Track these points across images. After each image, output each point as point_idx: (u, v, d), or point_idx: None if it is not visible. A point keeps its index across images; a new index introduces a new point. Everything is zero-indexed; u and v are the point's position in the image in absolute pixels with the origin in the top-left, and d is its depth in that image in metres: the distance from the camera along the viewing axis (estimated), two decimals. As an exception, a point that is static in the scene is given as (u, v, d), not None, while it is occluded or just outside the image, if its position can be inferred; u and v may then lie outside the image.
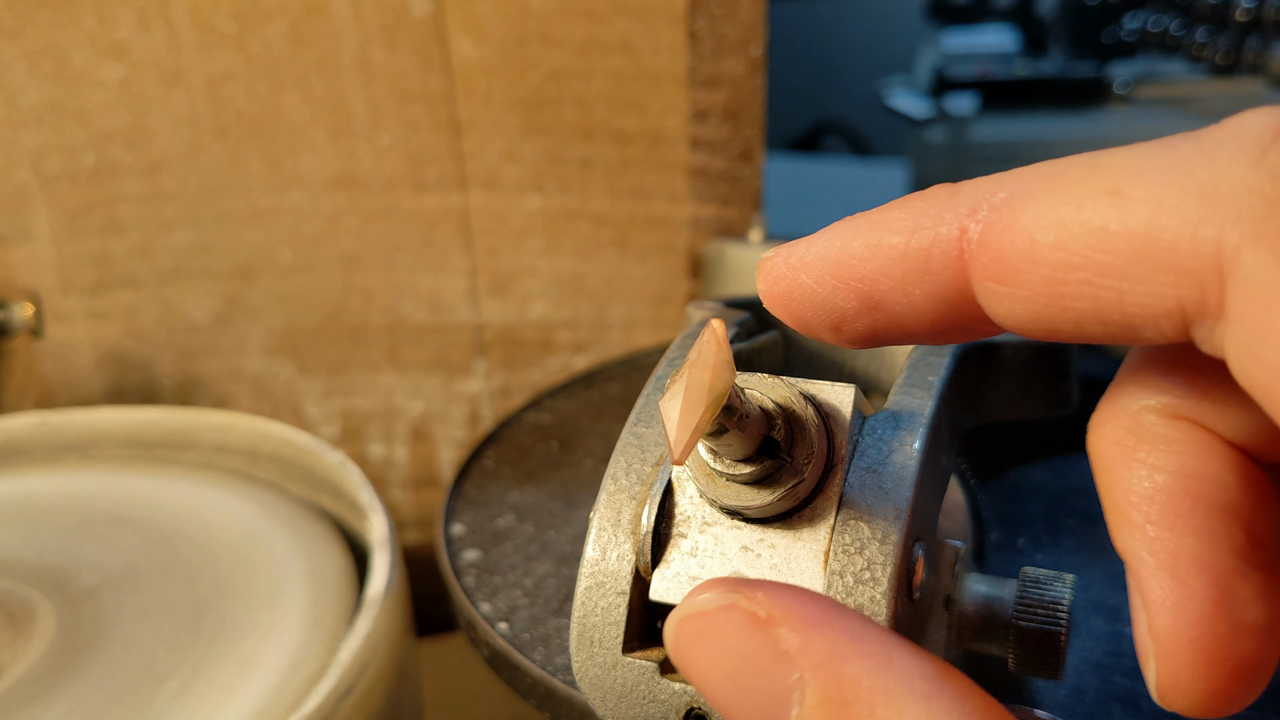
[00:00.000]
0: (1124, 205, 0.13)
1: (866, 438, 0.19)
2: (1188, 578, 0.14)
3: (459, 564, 0.39)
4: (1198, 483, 0.14)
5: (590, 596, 0.19)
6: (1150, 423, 0.15)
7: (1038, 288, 0.13)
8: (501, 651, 0.34)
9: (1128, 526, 0.15)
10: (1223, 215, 0.12)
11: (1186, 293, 0.12)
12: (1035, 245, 0.13)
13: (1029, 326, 0.14)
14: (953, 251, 0.14)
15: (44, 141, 0.54)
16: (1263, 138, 0.12)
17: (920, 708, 0.13)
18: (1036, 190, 0.14)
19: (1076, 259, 0.13)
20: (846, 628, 0.14)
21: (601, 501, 0.20)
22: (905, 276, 0.15)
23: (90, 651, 0.35)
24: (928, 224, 0.15)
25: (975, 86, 1.06)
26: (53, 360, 0.58)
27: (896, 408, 0.19)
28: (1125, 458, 0.15)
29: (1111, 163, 0.13)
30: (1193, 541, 0.14)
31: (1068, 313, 0.13)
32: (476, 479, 0.45)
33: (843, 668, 0.13)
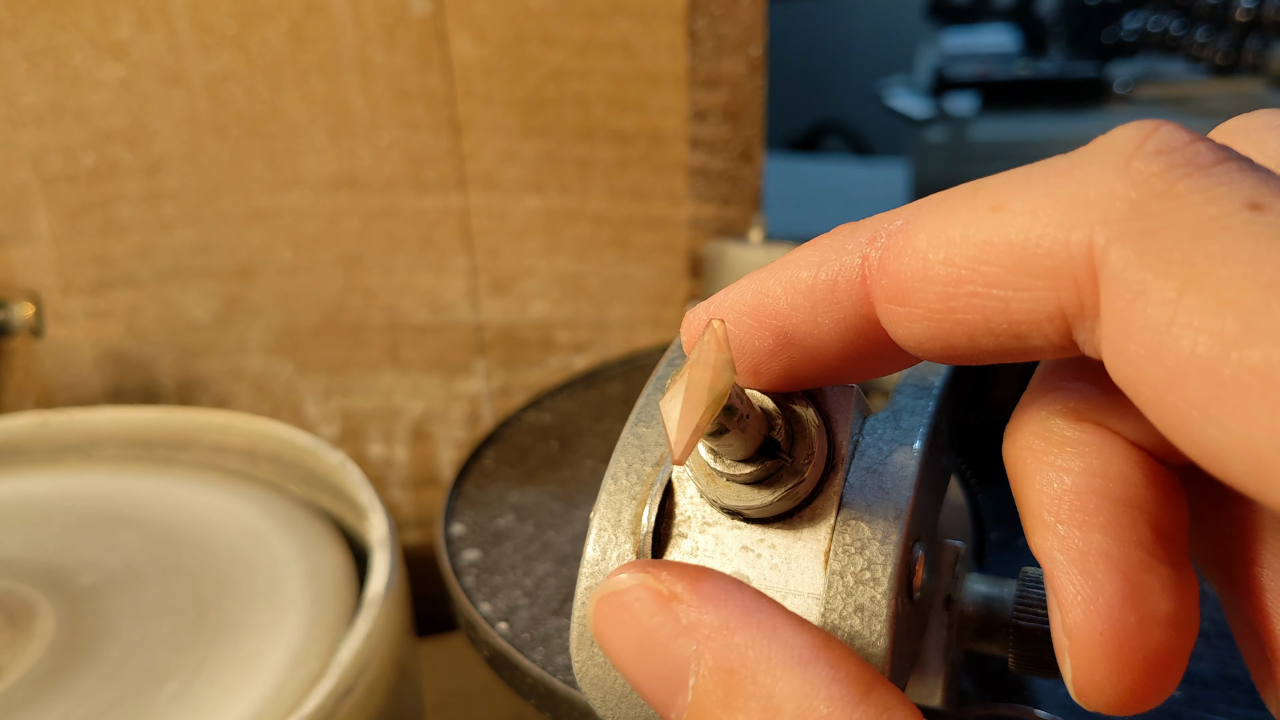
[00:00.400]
0: (1005, 218, 0.13)
1: (867, 438, 0.19)
2: (1096, 573, 0.15)
3: (459, 564, 0.39)
4: (1103, 481, 0.15)
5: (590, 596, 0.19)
6: (1057, 427, 0.16)
7: (932, 304, 0.14)
8: (501, 651, 0.34)
9: (1040, 528, 0.15)
10: (1091, 219, 0.13)
11: (1064, 295, 0.13)
12: (927, 264, 0.14)
13: (927, 345, 0.15)
14: (856, 279, 0.15)
15: (44, 141, 0.54)
16: (1128, 148, 0.13)
17: (797, 672, 0.14)
18: (928, 214, 0.14)
19: (965, 273, 0.14)
20: (739, 603, 0.15)
21: (601, 501, 0.20)
22: (814, 308, 0.16)
23: (90, 651, 0.35)
24: (832, 257, 0.15)
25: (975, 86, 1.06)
26: (53, 360, 0.58)
27: (897, 408, 0.20)
28: (1035, 462, 0.16)
29: (995, 183, 0.14)
30: (1100, 538, 0.15)
31: (960, 326, 0.14)
32: (477, 479, 0.45)
33: (731, 638, 0.14)
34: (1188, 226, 0.12)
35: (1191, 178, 0.12)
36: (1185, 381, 0.12)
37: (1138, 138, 0.13)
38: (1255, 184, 0.12)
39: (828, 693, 0.14)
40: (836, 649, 0.14)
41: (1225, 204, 0.12)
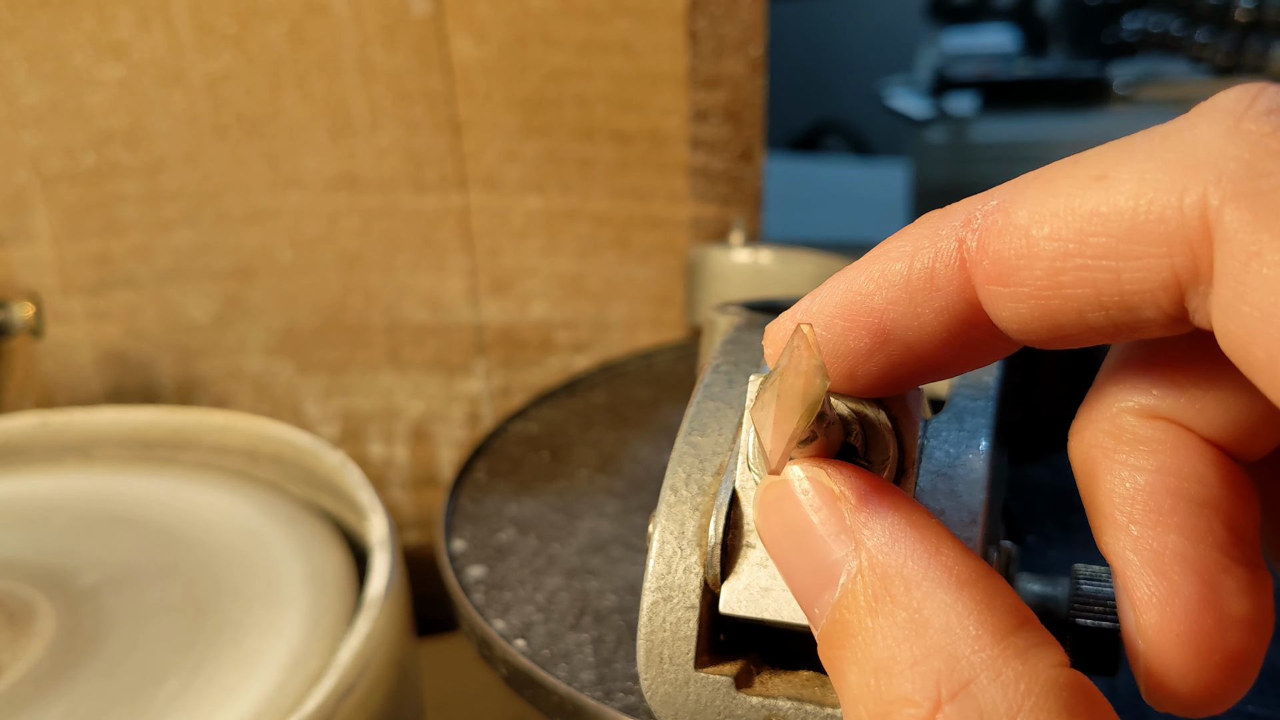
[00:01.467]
0: (1112, 187, 0.13)
1: (931, 440, 0.19)
2: (1173, 574, 0.14)
3: (465, 580, 0.38)
4: (1179, 480, 0.15)
5: (658, 611, 0.19)
6: (1129, 424, 0.15)
7: (1038, 282, 0.14)
8: (523, 670, 0.33)
9: (1111, 528, 0.15)
10: (1204, 181, 0.12)
11: (1179, 260, 0.13)
12: (1031, 240, 0.14)
13: (1033, 326, 0.14)
14: (955, 264, 0.15)
15: (44, 141, 0.54)
16: (1237, 109, 0.13)
17: (953, 592, 0.14)
18: (1026, 191, 0.14)
19: (1072, 246, 0.13)
20: (906, 516, 0.15)
21: (662, 514, 0.19)
22: (913, 299, 0.15)
23: (90, 651, 0.35)
24: (926, 244, 0.15)
25: (975, 86, 1.06)
26: (53, 360, 0.58)
27: (958, 410, 0.19)
28: (1106, 460, 0.15)
29: (1096, 154, 0.14)
30: (1176, 538, 0.14)
31: (1070, 302, 0.14)
32: (470, 492, 0.44)
33: (892, 545, 0.14)
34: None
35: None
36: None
37: (1246, 98, 0.13)
38: None
39: (979, 617, 0.13)
40: (996, 581, 0.14)
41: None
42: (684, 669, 0.18)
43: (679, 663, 0.18)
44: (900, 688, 0.13)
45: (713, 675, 0.18)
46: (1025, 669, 0.13)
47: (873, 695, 0.14)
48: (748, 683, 0.18)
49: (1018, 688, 0.13)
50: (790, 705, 0.18)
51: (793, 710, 0.18)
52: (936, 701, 0.13)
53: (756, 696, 0.18)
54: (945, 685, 0.13)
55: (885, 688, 0.14)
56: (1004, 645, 0.13)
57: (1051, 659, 0.13)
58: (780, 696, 0.18)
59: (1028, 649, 0.13)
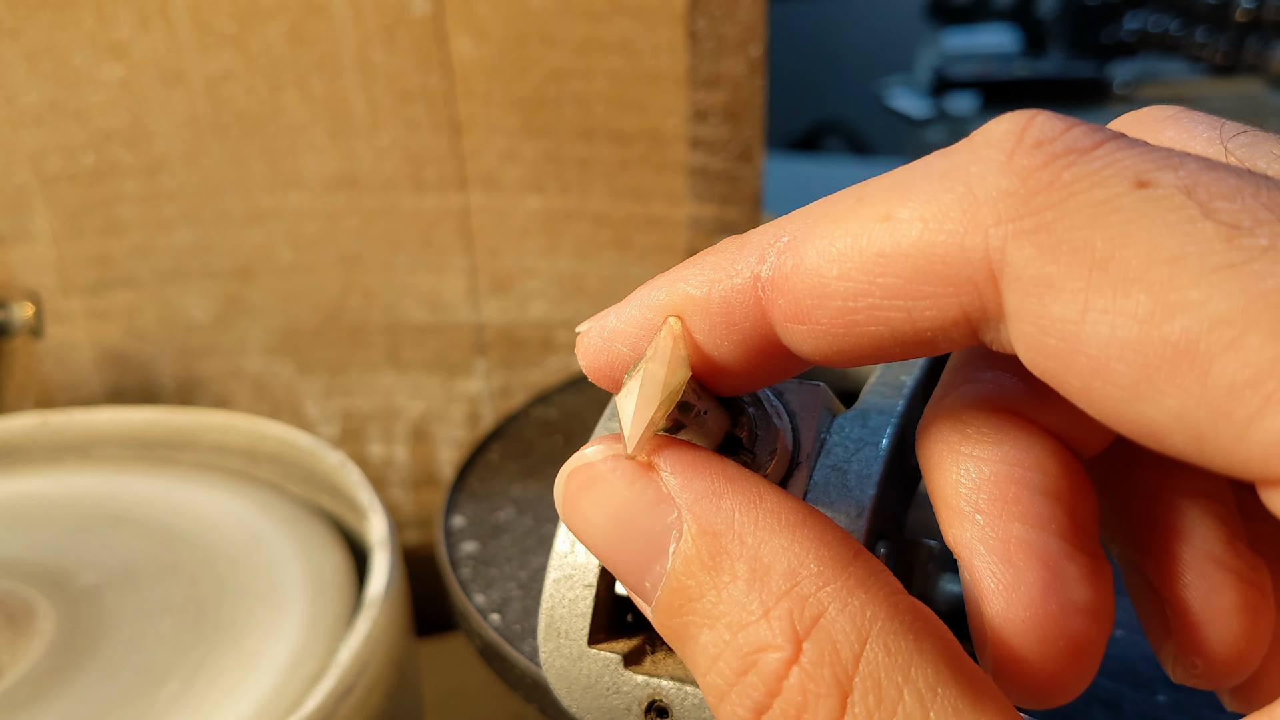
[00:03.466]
0: (896, 228, 0.13)
1: (834, 436, 0.19)
2: (1018, 561, 0.14)
3: (456, 555, 0.39)
4: (1022, 470, 0.15)
5: (558, 589, 0.19)
6: (973, 417, 0.16)
7: (833, 320, 0.14)
8: (492, 643, 0.34)
9: (957, 519, 0.15)
10: (984, 221, 0.13)
11: (967, 300, 0.13)
12: (823, 281, 0.14)
13: (835, 358, 0.15)
14: (751, 300, 0.15)
15: (44, 141, 0.54)
16: (1007, 144, 0.13)
17: (785, 534, 0.14)
18: (815, 228, 0.14)
19: (862, 287, 0.14)
20: (721, 471, 0.15)
21: None
22: (713, 328, 0.15)
23: (90, 652, 0.35)
24: (722, 277, 0.15)
25: (975, 86, 1.06)
26: (53, 360, 0.58)
27: (866, 406, 0.20)
28: (951, 453, 0.16)
29: (877, 190, 0.14)
30: (1020, 526, 0.15)
31: (866, 338, 0.14)
32: (480, 473, 0.45)
33: (717, 503, 0.14)
34: (1081, 213, 0.12)
35: (1076, 165, 0.12)
36: (1110, 366, 0.12)
37: (1015, 130, 0.13)
38: (1138, 160, 0.12)
39: (818, 553, 0.14)
40: (822, 519, 0.14)
41: (1113, 185, 0.12)
42: (578, 645, 0.19)
43: (574, 639, 0.19)
44: (759, 636, 0.14)
45: (603, 652, 0.19)
46: (869, 597, 0.13)
47: (732, 650, 0.14)
48: (637, 661, 0.19)
49: (864, 615, 0.13)
50: (672, 685, 0.19)
51: (673, 690, 0.18)
52: (796, 641, 0.13)
53: (642, 675, 0.19)
54: (799, 623, 0.13)
55: (743, 640, 0.14)
56: (845, 576, 0.14)
57: (890, 586, 0.14)
58: (665, 676, 0.19)
59: (867, 578, 0.14)
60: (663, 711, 0.18)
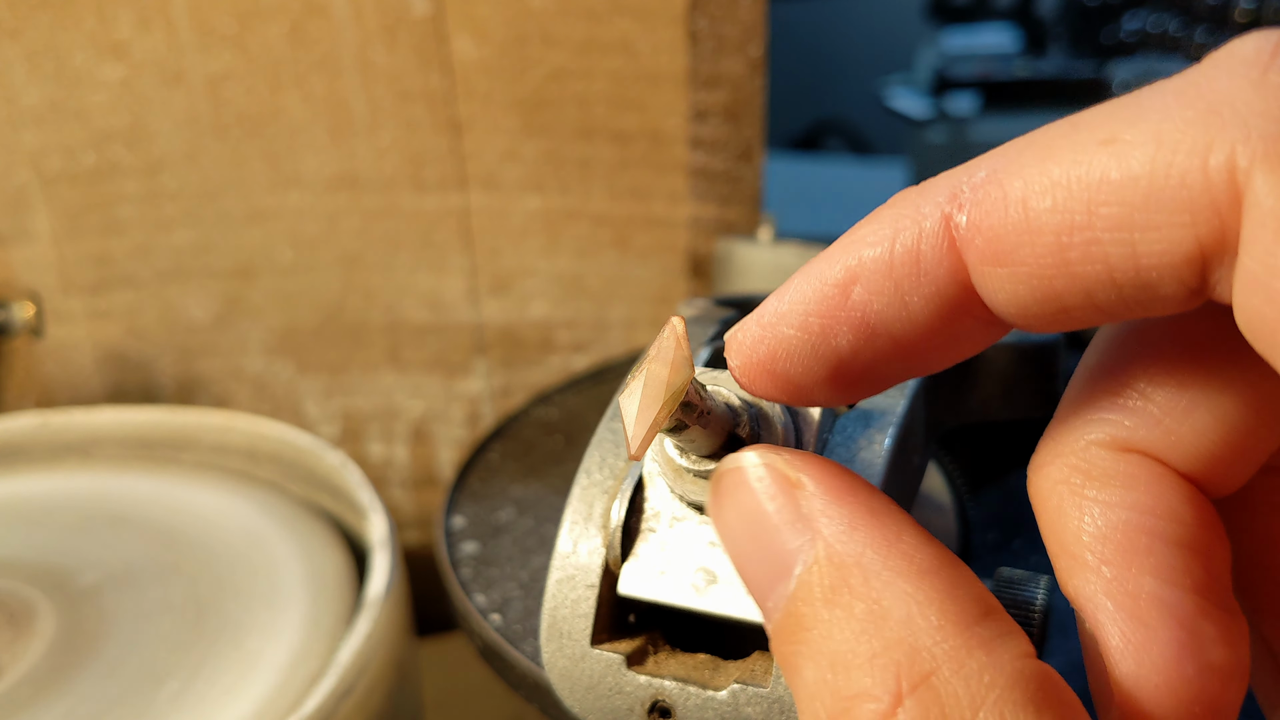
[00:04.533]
0: (1123, 150, 0.12)
1: (836, 436, 0.19)
2: (1150, 620, 0.13)
3: (457, 556, 0.39)
4: (1154, 519, 0.14)
5: (561, 589, 0.19)
6: (1098, 457, 0.14)
7: (1041, 260, 0.12)
8: (493, 643, 0.34)
9: (1081, 570, 0.14)
10: (1230, 140, 0.11)
11: (1204, 230, 0.11)
12: (1031, 214, 0.12)
13: (1035, 309, 0.13)
14: (943, 245, 0.13)
15: (44, 141, 0.54)
16: (1260, 59, 0.12)
17: (914, 581, 0.13)
18: (1020, 159, 0.13)
19: (1080, 219, 0.12)
20: (865, 503, 0.14)
21: (574, 495, 0.20)
22: (898, 287, 0.14)
23: (91, 651, 0.35)
24: (907, 225, 0.14)
25: (975, 86, 1.06)
26: (53, 360, 0.58)
27: (868, 406, 0.20)
28: (1073, 496, 0.14)
29: (1100, 115, 0.12)
30: (1152, 581, 0.13)
31: (1077, 281, 0.12)
32: (481, 473, 0.45)
33: (850, 534, 0.13)
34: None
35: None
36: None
37: (1268, 47, 0.12)
38: None
39: (941, 607, 0.13)
40: (960, 570, 0.13)
41: None
42: (580, 645, 0.19)
43: (576, 639, 0.19)
44: (859, 682, 0.13)
45: (606, 652, 0.19)
46: (990, 660, 0.12)
47: (830, 691, 0.13)
48: (640, 661, 0.19)
49: (981, 679, 0.12)
50: (675, 685, 0.18)
51: (676, 690, 0.18)
52: (897, 695, 0.12)
53: (645, 675, 0.19)
54: (906, 678, 0.12)
55: (843, 682, 0.13)
56: (967, 636, 0.12)
57: (1017, 650, 0.13)
58: (668, 677, 0.19)
59: (992, 639, 0.13)
60: (665, 712, 0.18)
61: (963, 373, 0.24)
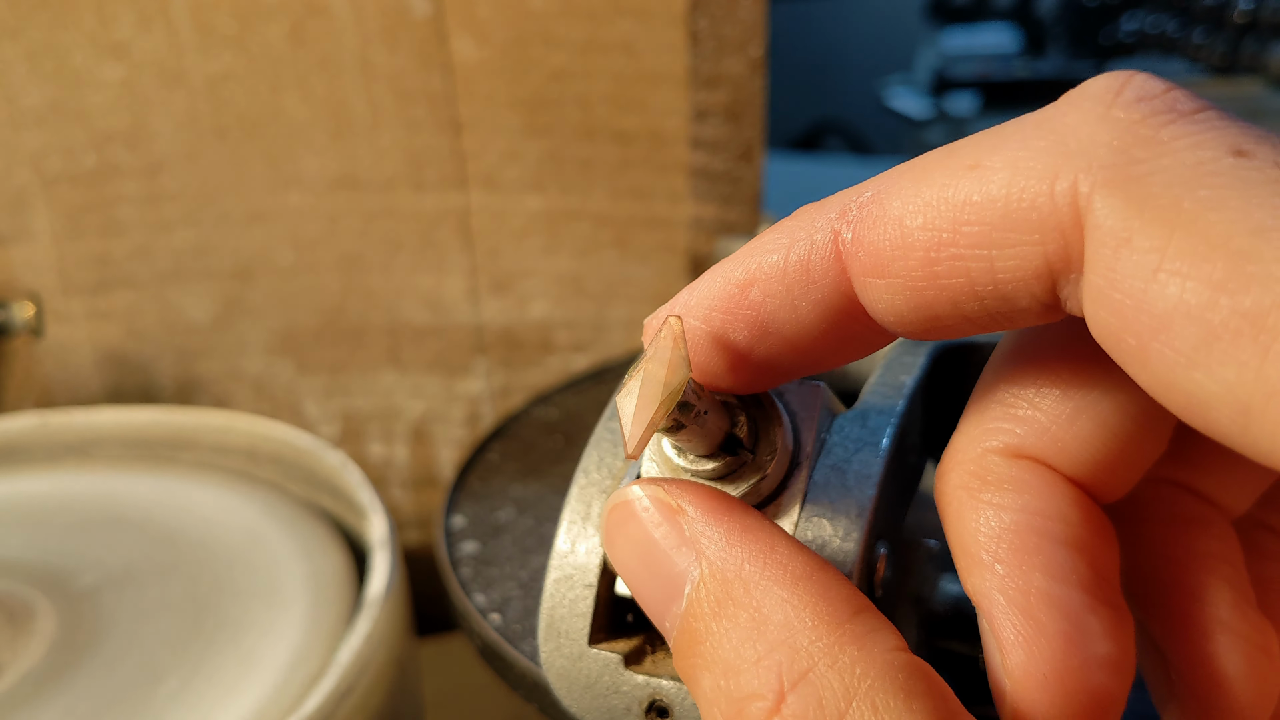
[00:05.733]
0: (984, 175, 0.13)
1: (834, 436, 0.19)
2: (1039, 614, 0.14)
3: (457, 555, 0.39)
4: (1043, 519, 0.15)
5: (559, 589, 0.19)
6: (994, 464, 0.15)
7: (913, 272, 0.14)
8: (492, 643, 0.34)
9: (977, 568, 0.15)
10: (1075, 168, 0.12)
11: (1051, 248, 0.13)
12: (906, 231, 0.14)
13: (910, 317, 0.14)
14: (830, 257, 0.15)
15: (44, 142, 0.54)
16: (1106, 97, 0.13)
17: (788, 587, 0.14)
18: (901, 181, 0.14)
19: (946, 235, 0.13)
20: (740, 521, 0.15)
21: (572, 495, 0.20)
22: (789, 292, 0.15)
23: (90, 651, 0.35)
24: (802, 237, 0.15)
25: (975, 87, 1.07)
26: (53, 360, 0.58)
27: (866, 407, 0.20)
28: (971, 500, 0.15)
29: (969, 143, 0.14)
30: (1042, 578, 0.14)
31: (945, 293, 0.14)
32: (480, 472, 0.45)
33: (728, 551, 0.15)
34: (1174, 172, 0.12)
35: (1175, 124, 0.12)
36: (1172, 329, 0.11)
37: (1115, 86, 0.13)
38: (1238, 131, 0.12)
39: (814, 609, 0.14)
40: (830, 574, 0.14)
41: (1210, 149, 0.12)
42: (578, 644, 0.19)
43: (574, 638, 0.19)
44: (748, 684, 0.14)
45: (604, 652, 0.19)
46: (861, 654, 0.13)
47: (725, 696, 0.14)
48: (638, 661, 0.19)
49: (854, 671, 0.13)
50: (672, 685, 0.18)
51: (674, 690, 0.18)
52: (780, 693, 0.13)
53: (643, 675, 0.19)
54: (787, 676, 0.13)
55: (734, 686, 0.14)
56: (839, 633, 0.13)
57: (888, 643, 0.14)
58: (666, 676, 0.19)
59: (863, 634, 0.14)
60: (663, 711, 0.18)
61: (962, 374, 0.24)
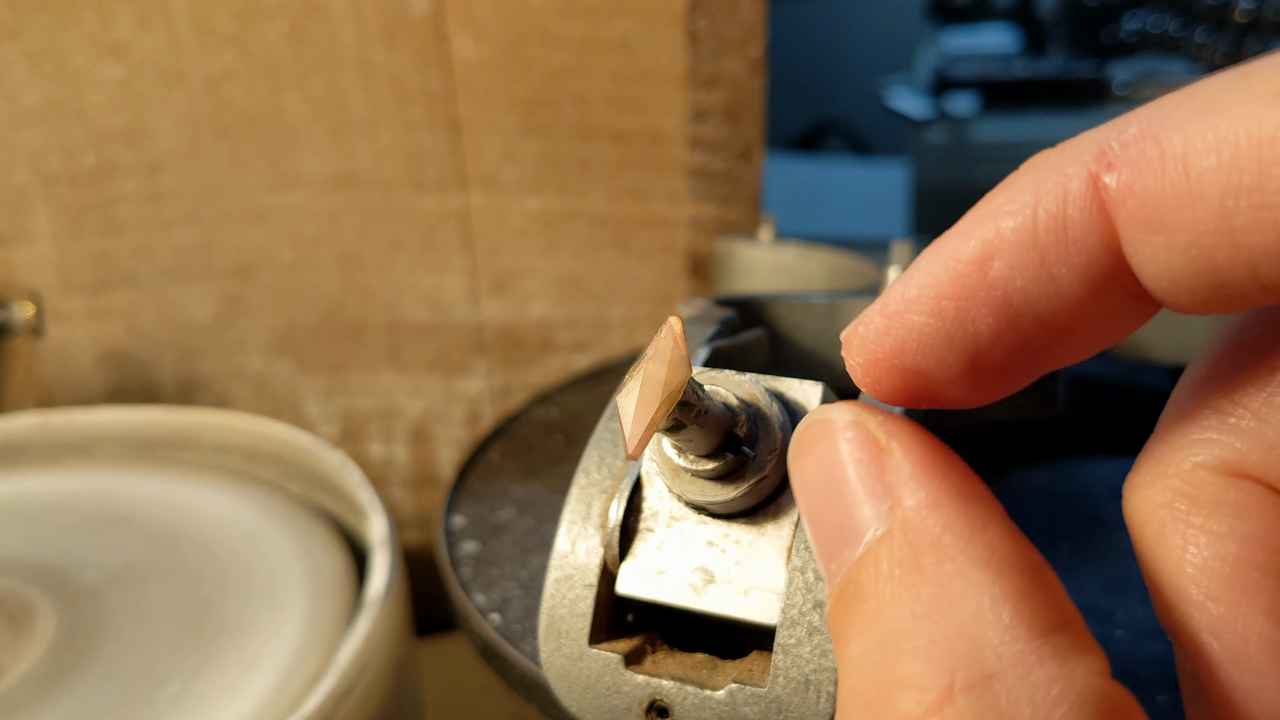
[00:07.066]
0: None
1: None
2: (1259, 664, 0.12)
3: (457, 555, 0.39)
4: (1266, 553, 0.13)
5: (559, 589, 0.19)
6: (1206, 481, 0.13)
7: (1202, 225, 0.11)
8: (492, 643, 0.34)
9: (1184, 604, 0.13)
10: None
11: None
12: (1194, 174, 0.11)
13: (1190, 283, 0.12)
14: (1092, 209, 0.12)
15: (44, 141, 0.54)
16: None
17: (989, 575, 0.12)
18: (1179, 114, 0.11)
19: (1249, 180, 0.10)
20: (956, 483, 0.13)
21: (572, 495, 0.20)
22: (1043, 259, 0.12)
23: (91, 651, 0.35)
24: (1050, 189, 0.12)
25: (975, 86, 1.07)
26: (53, 360, 0.58)
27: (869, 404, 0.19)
28: (1177, 524, 0.13)
29: (1271, 66, 0.11)
30: (1263, 623, 0.12)
31: (1241, 252, 0.11)
32: (481, 472, 0.45)
33: (933, 513, 0.12)
34: None
35: None
36: None
37: None
38: None
39: (1016, 607, 0.12)
40: (1045, 574, 0.12)
41: None
42: (579, 644, 0.19)
43: (574, 638, 0.19)
44: (907, 667, 0.12)
45: (604, 652, 0.19)
46: (1061, 672, 0.11)
47: (875, 670, 0.12)
48: (638, 661, 0.19)
49: (1049, 691, 0.11)
50: (672, 685, 0.18)
51: (674, 690, 0.18)
52: (948, 690, 0.11)
53: (643, 675, 0.19)
54: (962, 673, 0.11)
55: (891, 664, 0.12)
56: (1040, 642, 0.11)
57: (1093, 667, 0.11)
58: (666, 676, 0.19)
59: (1068, 651, 0.11)
60: (663, 711, 0.18)
61: None
